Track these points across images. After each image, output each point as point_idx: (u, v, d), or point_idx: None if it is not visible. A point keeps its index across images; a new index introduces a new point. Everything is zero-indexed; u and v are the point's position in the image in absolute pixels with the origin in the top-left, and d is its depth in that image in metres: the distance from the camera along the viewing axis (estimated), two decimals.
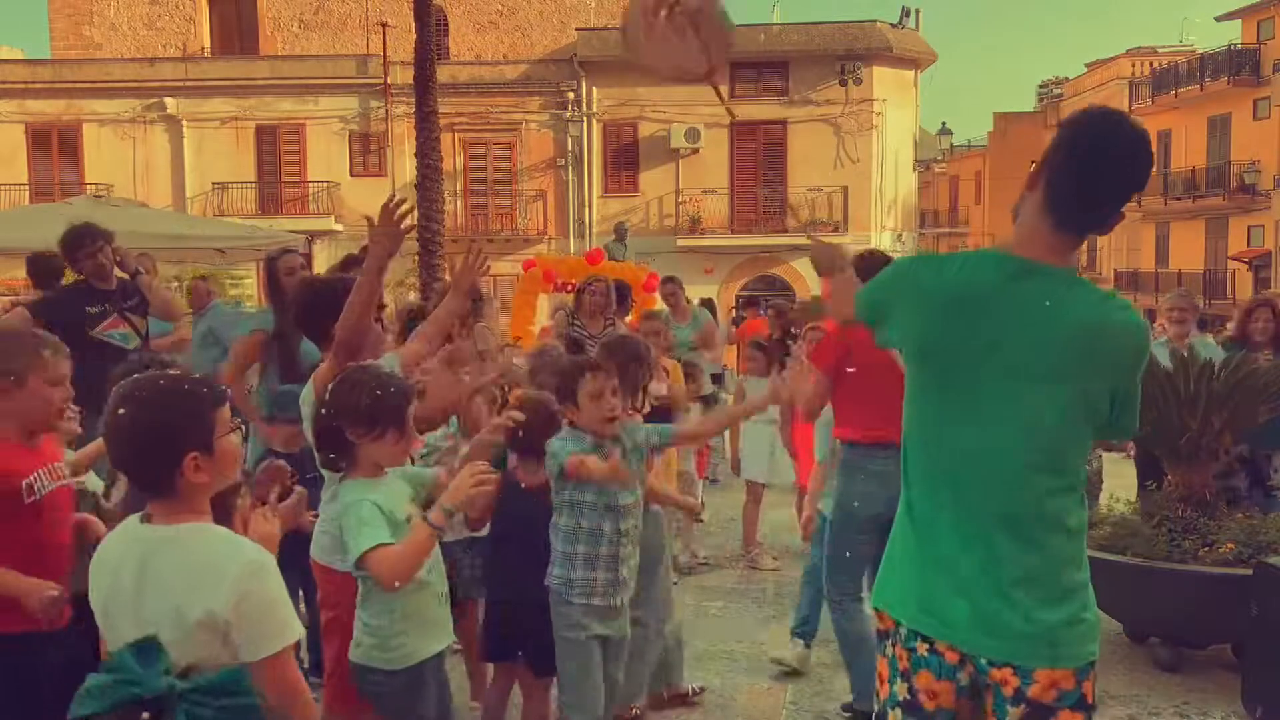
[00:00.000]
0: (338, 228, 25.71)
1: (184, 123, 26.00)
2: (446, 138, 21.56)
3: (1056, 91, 44.14)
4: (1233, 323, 8.07)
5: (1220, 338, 7.89)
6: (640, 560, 3.89)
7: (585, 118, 26.05)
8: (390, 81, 25.53)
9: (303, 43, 28.48)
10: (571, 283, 13.20)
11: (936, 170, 46.53)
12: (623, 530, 3.59)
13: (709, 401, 7.12)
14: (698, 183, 25.95)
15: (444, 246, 16.21)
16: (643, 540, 3.87)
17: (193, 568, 2.07)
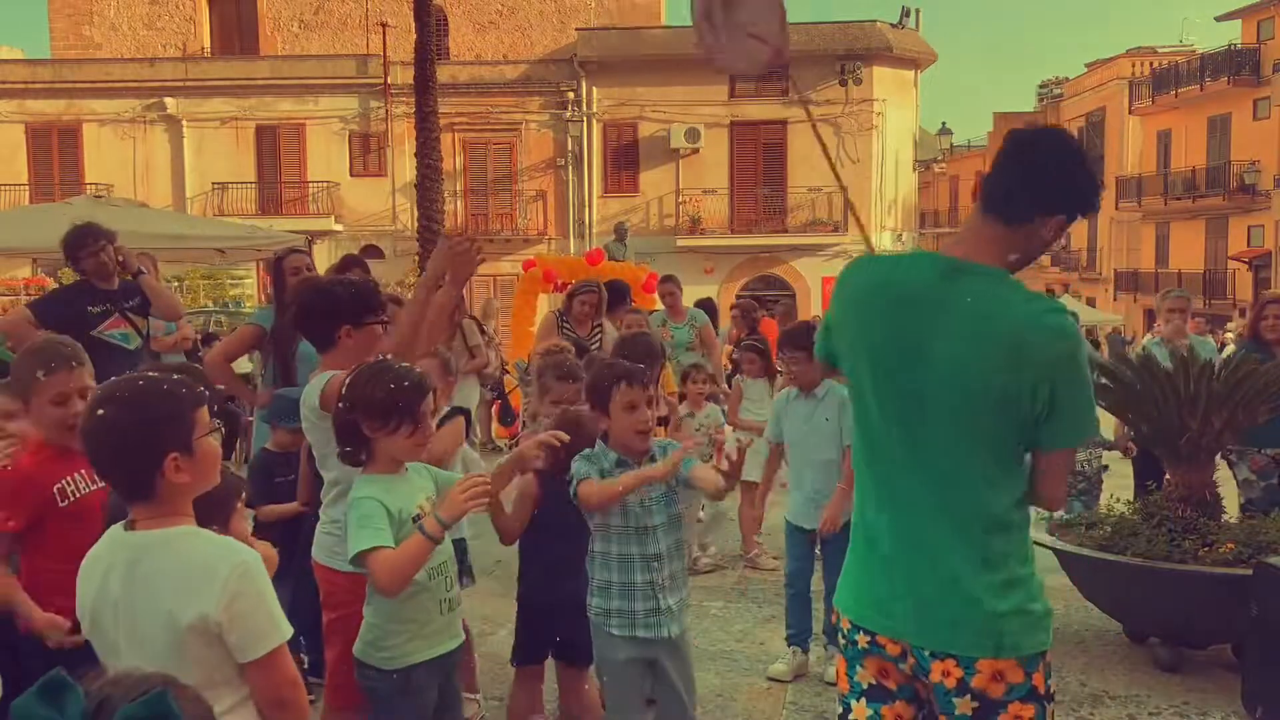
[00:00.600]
0: (338, 228, 25.72)
1: (184, 123, 26.00)
2: (446, 138, 21.59)
3: (1056, 91, 44.10)
4: (1237, 321, 8.05)
5: (1233, 336, 7.88)
6: None
7: (585, 118, 26.05)
8: (390, 81, 25.53)
9: (303, 43, 28.49)
10: (569, 283, 13.19)
11: (936, 170, 46.49)
12: (655, 554, 3.32)
13: (713, 400, 7.11)
14: (698, 183, 25.95)
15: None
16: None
17: (183, 571, 2.05)
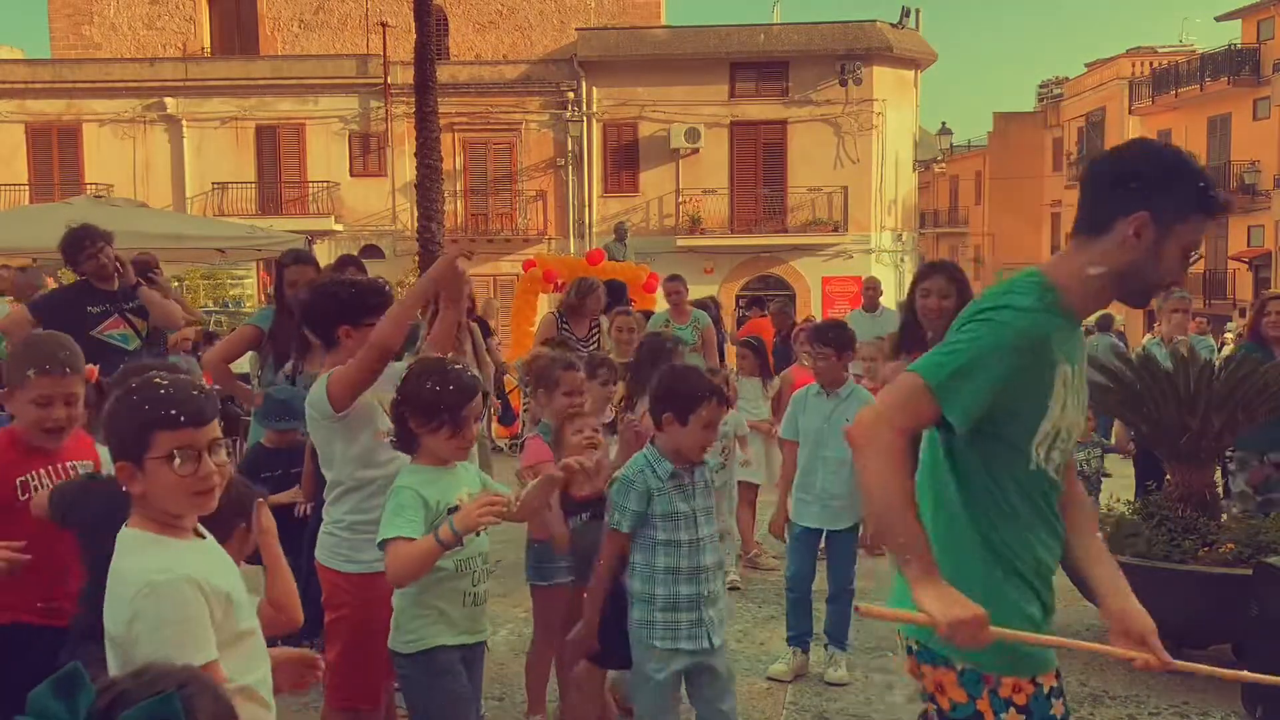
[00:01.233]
0: (338, 228, 25.71)
1: (184, 123, 25.98)
2: (446, 138, 21.57)
3: (1056, 91, 44.09)
4: (1238, 321, 8.03)
5: (1232, 336, 7.86)
6: None
7: (585, 118, 26.04)
8: (390, 81, 25.52)
9: (303, 43, 28.48)
10: (568, 283, 13.18)
11: (936, 170, 46.48)
12: (703, 566, 3.36)
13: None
14: (698, 183, 25.94)
15: (444, 247, 16.23)
16: None
17: (117, 580, 2.03)
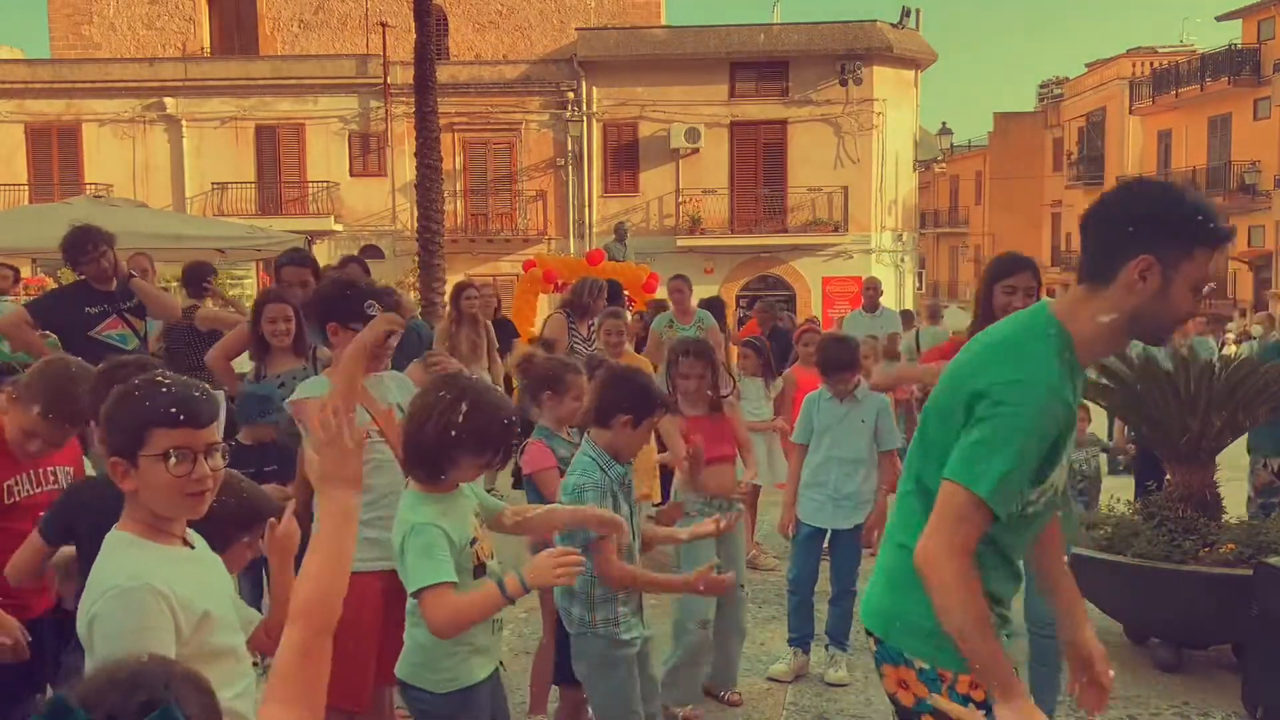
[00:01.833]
0: (337, 228, 25.70)
1: (184, 123, 25.98)
2: (446, 138, 21.56)
3: (1056, 91, 44.09)
4: (1238, 321, 7.99)
5: (1233, 336, 7.83)
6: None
7: (585, 118, 26.03)
8: (390, 81, 25.51)
9: (302, 42, 28.47)
10: (569, 284, 13.16)
11: (936, 170, 46.47)
12: (636, 562, 3.49)
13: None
14: (698, 183, 25.93)
15: (444, 246, 16.20)
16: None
17: (92, 580, 2.02)
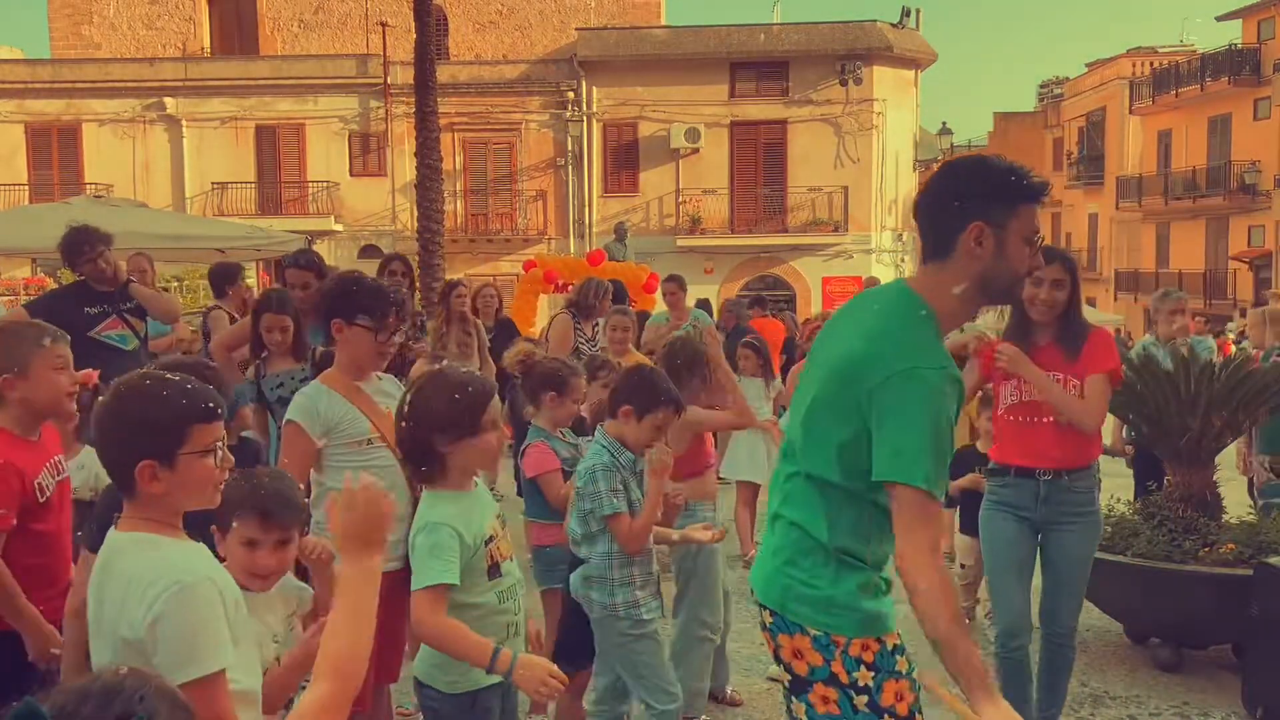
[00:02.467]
0: (338, 228, 25.71)
1: (184, 123, 25.98)
2: (446, 138, 21.56)
3: (1056, 91, 44.07)
4: (1239, 321, 7.91)
5: (1233, 336, 7.75)
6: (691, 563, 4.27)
7: (585, 118, 26.03)
8: (390, 81, 25.51)
9: (302, 42, 28.47)
10: (572, 284, 13.15)
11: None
12: (649, 549, 3.60)
13: None
14: (698, 183, 25.93)
15: (444, 246, 16.21)
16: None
17: (127, 583, 1.97)
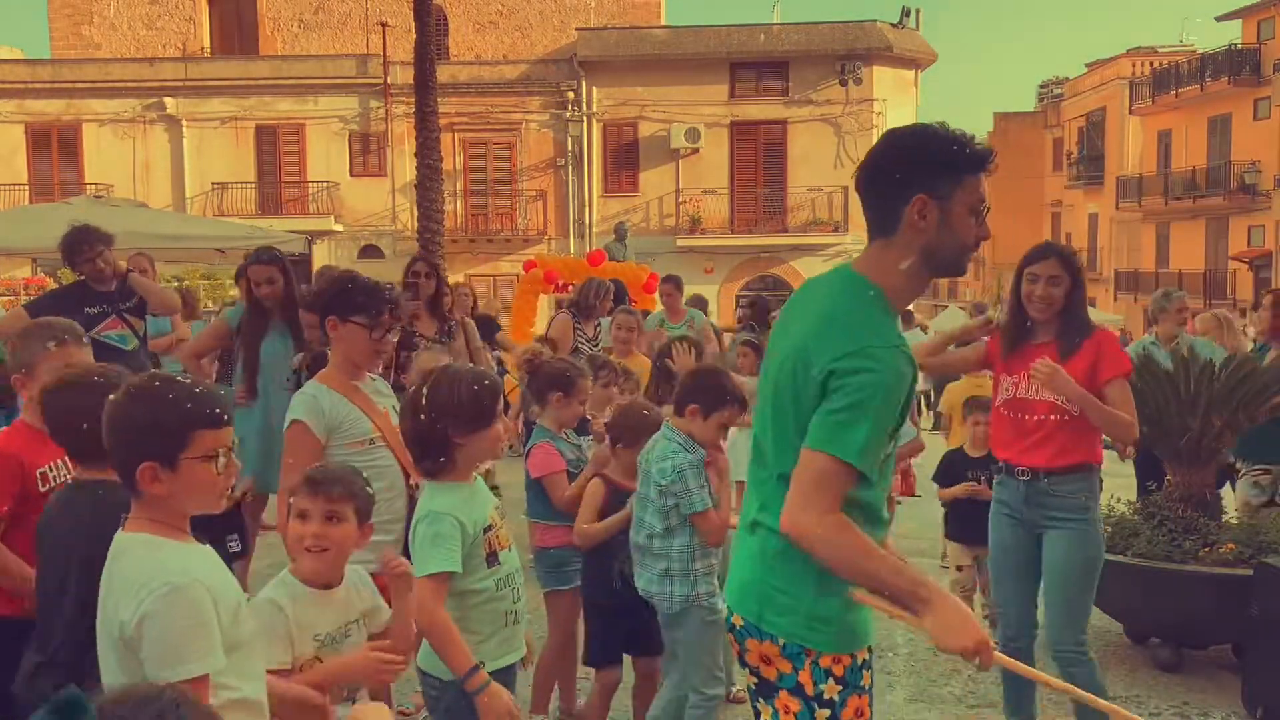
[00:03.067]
0: (337, 228, 25.71)
1: (184, 123, 25.98)
2: (446, 138, 21.57)
3: (1056, 91, 44.08)
4: (1239, 321, 7.87)
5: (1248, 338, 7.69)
6: None
7: (585, 118, 26.03)
8: (390, 81, 25.51)
9: (303, 43, 28.47)
10: (572, 284, 13.17)
11: None
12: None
13: None
14: (698, 183, 25.93)
15: (444, 247, 16.23)
16: None
17: (124, 581, 2.00)
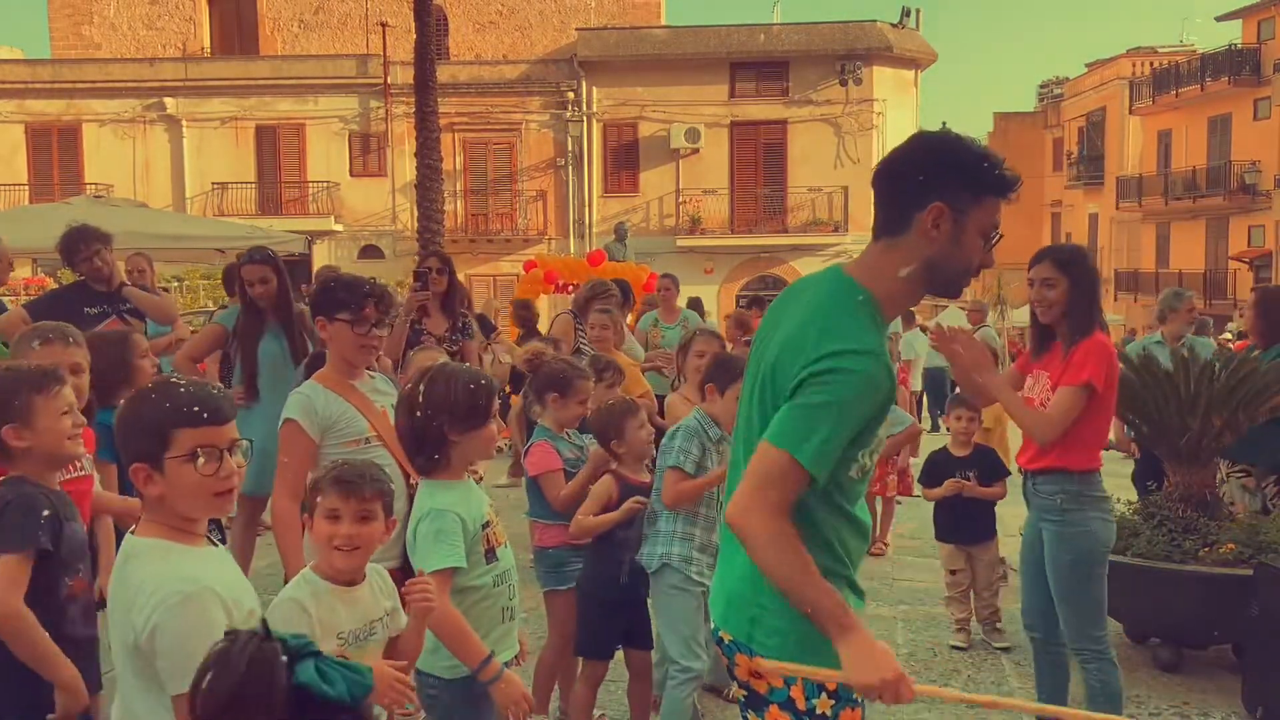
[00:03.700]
0: (337, 228, 25.72)
1: (184, 123, 25.99)
2: (446, 138, 21.58)
3: (1056, 91, 44.08)
4: (1238, 321, 7.87)
5: (1231, 336, 7.70)
6: None
7: (585, 118, 26.04)
8: (390, 81, 25.52)
9: (303, 43, 28.47)
10: (573, 284, 13.19)
11: None
12: (716, 522, 3.78)
13: None
14: (698, 183, 25.93)
15: (444, 246, 16.21)
16: None
17: (134, 589, 1.98)
